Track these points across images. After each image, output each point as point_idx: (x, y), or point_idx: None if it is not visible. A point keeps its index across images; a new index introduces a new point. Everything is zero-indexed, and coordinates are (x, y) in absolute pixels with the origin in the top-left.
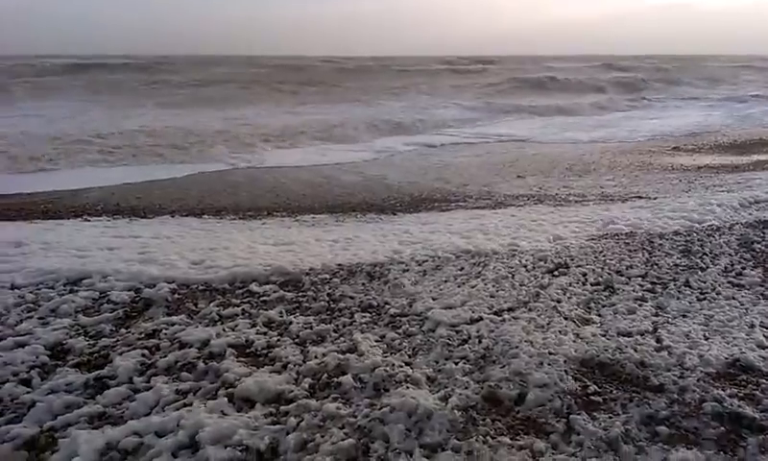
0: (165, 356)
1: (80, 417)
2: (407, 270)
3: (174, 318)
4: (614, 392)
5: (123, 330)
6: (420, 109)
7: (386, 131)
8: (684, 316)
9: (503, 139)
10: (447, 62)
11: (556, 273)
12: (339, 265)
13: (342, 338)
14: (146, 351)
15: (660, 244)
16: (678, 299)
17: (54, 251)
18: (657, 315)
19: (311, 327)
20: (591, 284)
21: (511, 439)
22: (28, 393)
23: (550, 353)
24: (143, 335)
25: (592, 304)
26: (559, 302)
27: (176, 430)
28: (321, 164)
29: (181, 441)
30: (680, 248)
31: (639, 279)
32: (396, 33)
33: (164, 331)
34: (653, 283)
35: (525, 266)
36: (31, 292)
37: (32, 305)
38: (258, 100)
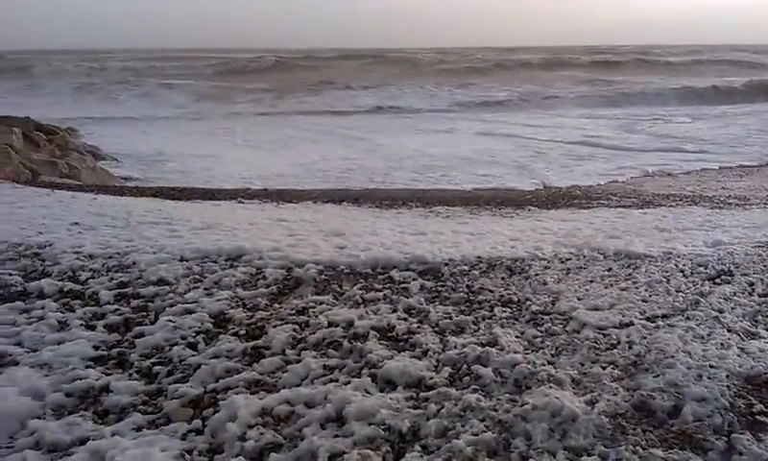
0: (314, 333)
1: (239, 382)
2: (549, 267)
3: (321, 297)
4: None
5: (276, 305)
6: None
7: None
8: None
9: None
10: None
11: (718, 280)
12: (478, 258)
13: (481, 330)
14: (297, 327)
15: None
16: None
17: (215, 228)
18: None
19: (450, 318)
20: (759, 295)
21: (664, 452)
22: (194, 356)
23: (711, 367)
24: (294, 311)
25: (760, 317)
26: (721, 312)
27: (323, 403)
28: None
29: (329, 414)
30: None
31: None
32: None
33: (313, 309)
34: None
35: (682, 271)
36: (197, 265)
37: (198, 277)
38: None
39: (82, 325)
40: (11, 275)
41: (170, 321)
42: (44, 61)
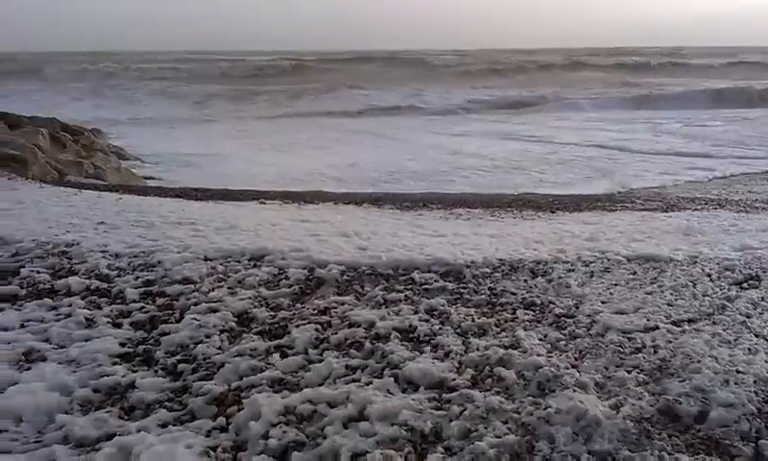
0: (336, 333)
1: (262, 380)
2: (572, 270)
3: (343, 298)
4: None
5: (299, 305)
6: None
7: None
8: None
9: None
10: None
11: (745, 285)
12: (500, 260)
13: (504, 333)
14: (319, 327)
15: None
16: None
17: (238, 228)
18: None
19: (472, 320)
20: None
21: (690, 457)
22: (218, 354)
23: (738, 372)
24: (316, 311)
25: None
26: (748, 317)
27: (345, 403)
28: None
29: (351, 413)
30: None
31: None
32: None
33: (335, 310)
34: None
35: (709, 275)
36: (221, 264)
37: (222, 276)
38: None
39: (108, 322)
40: (39, 272)
41: (195, 319)
42: (63, 63)
